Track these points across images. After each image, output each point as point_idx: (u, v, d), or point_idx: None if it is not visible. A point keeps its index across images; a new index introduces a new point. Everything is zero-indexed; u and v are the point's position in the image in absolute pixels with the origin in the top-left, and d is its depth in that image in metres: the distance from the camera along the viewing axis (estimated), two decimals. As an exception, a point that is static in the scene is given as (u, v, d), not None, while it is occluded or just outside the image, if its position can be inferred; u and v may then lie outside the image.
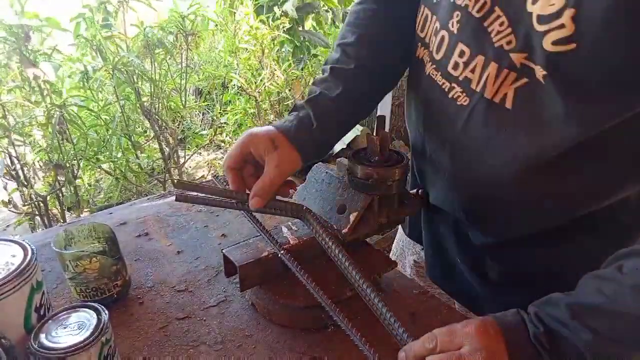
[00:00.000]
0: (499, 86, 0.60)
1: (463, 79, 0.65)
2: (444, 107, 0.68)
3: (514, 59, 0.57)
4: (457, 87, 0.66)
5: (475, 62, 0.62)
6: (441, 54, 0.67)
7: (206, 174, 3.31)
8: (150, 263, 0.88)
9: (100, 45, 2.24)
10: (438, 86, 0.69)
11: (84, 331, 0.56)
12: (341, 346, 0.69)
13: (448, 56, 0.66)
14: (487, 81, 0.61)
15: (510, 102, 0.60)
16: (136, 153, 2.60)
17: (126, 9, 2.34)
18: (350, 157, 0.74)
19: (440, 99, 0.69)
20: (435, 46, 0.69)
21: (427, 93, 0.73)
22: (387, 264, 0.79)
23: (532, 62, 0.56)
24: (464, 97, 0.65)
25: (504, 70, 0.59)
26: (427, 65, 0.72)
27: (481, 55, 0.61)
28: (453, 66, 0.66)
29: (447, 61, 0.66)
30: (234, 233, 0.97)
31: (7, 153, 2.12)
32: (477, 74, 0.62)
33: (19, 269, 0.57)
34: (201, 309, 0.76)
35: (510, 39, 0.57)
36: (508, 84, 0.59)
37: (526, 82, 0.58)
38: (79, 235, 0.78)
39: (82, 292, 0.74)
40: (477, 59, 0.62)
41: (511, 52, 0.58)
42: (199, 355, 0.67)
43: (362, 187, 0.72)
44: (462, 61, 0.64)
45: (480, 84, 0.62)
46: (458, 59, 0.64)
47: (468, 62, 0.63)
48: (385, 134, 0.71)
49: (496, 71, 0.60)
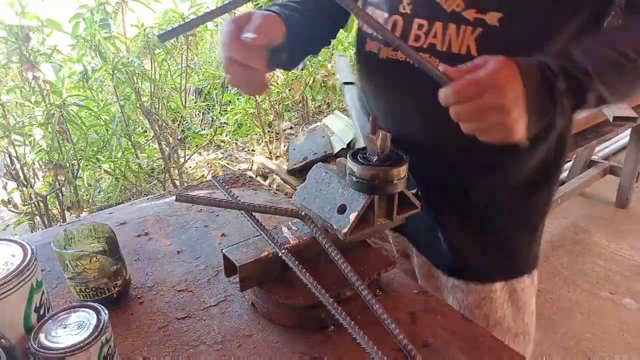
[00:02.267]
0: (462, 40, 0.72)
1: (428, 45, 0.75)
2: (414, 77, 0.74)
3: (467, 16, 0.71)
4: (423, 54, 0.72)
5: (435, 29, 0.74)
6: (398, 35, 0.77)
7: (206, 174, 3.31)
8: (150, 263, 0.88)
9: (99, 46, 2.24)
10: (402, 63, 0.77)
11: (83, 331, 0.56)
12: (341, 346, 0.69)
13: (406, 34, 0.76)
14: (450, 40, 0.73)
15: (475, 51, 0.71)
16: (136, 153, 2.60)
17: (125, 10, 2.34)
18: (350, 157, 0.74)
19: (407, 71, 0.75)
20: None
21: (385, 76, 0.82)
22: (387, 264, 0.79)
23: (482, 14, 0.70)
24: (433, 59, 0.74)
25: (462, 27, 0.71)
26: (381, 53, 0.80)
27: (439, 22, 0.73)
28: (414, 39, 0.76)
29: (406, 38, 0.76)
30: (234, 233, 0.97)
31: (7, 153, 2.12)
32: (440, 37, 0.74)
33: (19, 269, 0.57)
34: (201, 308, 0.76)
35: (459, 2, 0.71)
36: (468, 35, 0.71)
37: (482, 30, 0.70)
38: (79, 235, 0.78)
39: (82, 292, 0.74)
40: (436, 26, 0.73)
41: (463, 11, 0.71)
42: (199, 355, 0.67)
43: (362, 187, 0.72)
44: (423, 32, 0.75)
45: (445, 44, 0.73)
46: (418, 32, 0.75)
47: (429, 31, 0.74)
48: (385, 134, 0.71)
49: (456, 29, 0.72)
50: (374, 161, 0.72)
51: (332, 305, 0.64)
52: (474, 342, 0.70)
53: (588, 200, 3.05)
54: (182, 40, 2.53)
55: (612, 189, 2.99)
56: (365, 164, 0.71)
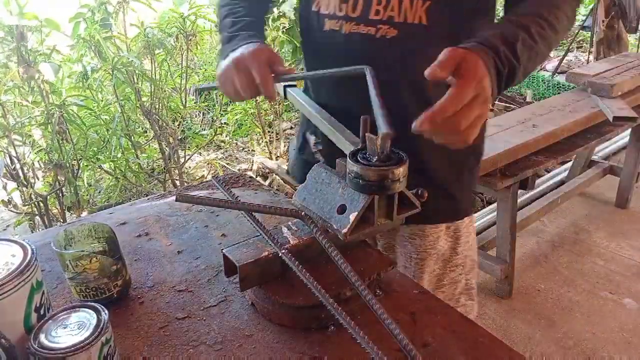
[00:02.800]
0: (415, 11, 0.87)
1: (387, 18, 0.88)
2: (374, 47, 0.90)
3: None
4: (383, 26, 0.89)
5: (392, 3, 0.88)
6: (359, 11, 0.90)
7: (206, 174, 3.31)
8: (150, 263, 0.88)
9: (99, 46, 2.24)
10: (364, 35, 0.90)
11: (83, 331, 0.56)
12: (341, 346, 0.69)
13: (367, 9, 0.89)
14: (406, 12, 0.87)
15: (425, 20, 0.87)
16: (136, 153, 2.60)
17: (126, 9, 2.34)
18: (350, 157, 0.74)
19: (369, 43, 0.90)
20: (350, 9, 0.91)
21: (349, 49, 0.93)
22: (387, 264, 0.79)
23: None
24: (392, 30, 0.88)
25: (414, 0, 0.86)
26: (343, 28, 0.92)
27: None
28: (375, 13, 0.89)
29: (367, 12, 0.89)
30: (234, 233, 0.97)
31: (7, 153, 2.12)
32: (397, 10, 0.88)
33: (19, 269, 0.57)
34: (201, 308, 0.76)
35: None
36: (419, 7, 0.87)
37: (430, 3, 0.86)
38: (79, 235, 0.78)
39: (82, 292, 0.74)
40: (392, 1, 0.87)
41: None
42: (199, 355, 0.67)
43: (362, 187, 0.72)
44: (382, 7, 0.88)
45: (402, 15, 0.88)
46: (377, 7, 0.88)
47: (387, 5, 0.88)
48: (385, 134, 0.71)
49: (409, 3, 0.87)
50: (374, 161, 0.72)
51: (332, 305, 0.64)
52: (474, 342, 0.70)
53: (588, 200, 3.05)
54: (182, 40, 2.53)
55: (612, 189, 2.99)
56: (365, 164, 0.71)
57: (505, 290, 2.22)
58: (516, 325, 2.08)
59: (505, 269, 2.16)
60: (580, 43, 6.10)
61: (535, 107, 2.50)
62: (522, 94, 4.41)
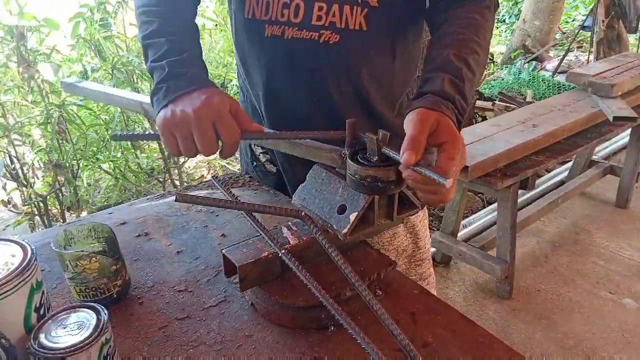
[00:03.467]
0: (355, 18, 0.90)
1: (329, 24, 0.90)
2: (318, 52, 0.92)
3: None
4: (325, 31, 0.90)
5: (333, 9, 0.89)
6: (300, 17, 0.90)
7: (206, 174, 3.31)
8: (150, 263, 0.88)
9: (99, 46, 2.24)
10: (306, 40, 0.91)
11: (83, 331, 0.56)
12: (341, 346, 0.69)
13: (308, 15, 0.90)
14: (347, 18, 0.90)
15: (365, 26, 0.90)
16: (136, 153, 2.60)
17: (126, 9, 2.34)
18: (350, 157, 0.74)
19: (312, 48, 0.91)
20: (292, 14, 0.91)
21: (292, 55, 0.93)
22: (387, 264, 0.79)
23: None
24: (334, 35, 0.91)
25: (354, 7, 0.89)
26: (286, 33, 0.92)
27: (335, 4, 0.89)
28: (317, 19, 0.90)
29: (309, 18, 0.90)
30: (233, 233, 0.97)
31: (6, 153, 2.12)
32: (338, 17, 0.90)
33: (19, 269, 0.57)
34: (201, 309, 0.76)
35: None
36: (358, 14, 0.90)
37: (367, 10, 0.89)
38: (79, 235, 0.78)
39: (82, 292, 0.73)
40: (334, 7, 0.89)
41: None
42: (199, 355, 0.67)
43: (362, 187, 0.72)
44: (323, 13, 0.90)
45: (343, 22, 0.90)
46: (319, 13, 0.90)
47: (328, 12, 0.89)
48: (385, 135, 0.71)
49: (349, 9, 0.89)
50: (374, 161, 0.71)
51: (332, 306, 0.64)
52: (474, 342, 0.70)
53: (588, 200, 3.05)
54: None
55: (612, 189, 2.99)
56: (365, 164, 0.71)
57: (505, 290, 2.22)
58: (516, 325, 2.08)
59: (506, 269, 2.16)
60: (580, 43, 6.11)
61: (536, 107, 2.50)
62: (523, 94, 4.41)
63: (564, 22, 6.79)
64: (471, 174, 1.85)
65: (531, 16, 5.71)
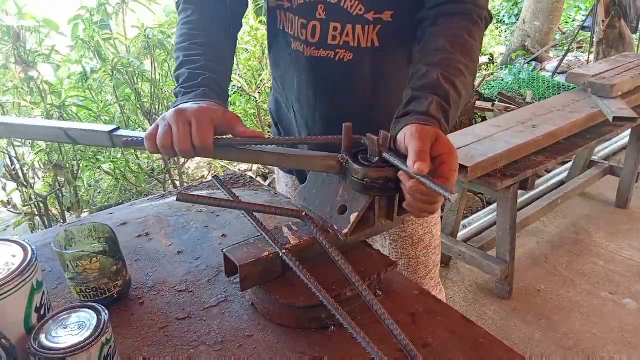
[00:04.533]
0: (367, 36, 0.93)
1: (343, 43, 0.94)
2: (334, 69, 0.96)
3: (367, 17, 0.92)
4: (340, 50, 0.95)
5: (346, 29, 0.93)
6: (317, 37, 0.95)
7: (206, 174, 3.31)
8: (150, 263, 0.88)
9: (98, 47, 2.24)
10: (322, 59, 0.96)
11: (83, 331, 0.56)
12: (341, 346, 0.69)
13: (324, 35, 0.94)
14: (359, 37, 0.93)
15: (378, 42, 0.94)
16: (136, 153, 2.60)
17: (125, 10, 2.34)
18: (350, 157, 0.74)
19: (327, 66, 0.96)
20: (309, 34, 0.95)
21: (312, 70, 0.98)
22: (387, 264, 0.79)
23: (379, 14, 0.92)
24: (348, 53, 0.95)
25: (366, 26, 0.93)
26: (305, 51, 0.97)
27: (348, 24, 0.93)
28: (331, 38, 0.94)
29: (325, 37, 0.94)
30: (234, 233, 0.97)
31: (6, 153, 2.12)
32: (351, 36, 0.94)
33: (19, 269, 0.57)
34: (201, 309, 0.76)
35: (361, 7, 0.91)
36: (371, 32, 0.93)
37: (380, 26, 0.93)
38: (79, 235, 0.78)
39: (82, 292, 0.74)
40: (347, 27, 0.93)
41: (364, 14, 0.92)
42: (199, 355, 0.67)
43: (362, 188, 0.72)
44: (337, 33, 0.94)
45: (356, 40, 0.94)
46: (334, 32, 0.94)
47: (342, 32, 0.93)
48: (386, 135, 0.71)
49: (361, 28, 0.93)
50: (374, 162, 0.72)
51: (333, 305, 0.64)
52: (474, 342, 0.70)
53: (588, 200, 3.05)
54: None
55: (612, 189, 2.99)
56: (365, 165, 0.71)
57: (505, 290, 2.22)
58: (516, 325, 2.08)
59: (505, 269, 2.16)
60: (580, 43, 6.10)
61: (535, 107, 2.50)
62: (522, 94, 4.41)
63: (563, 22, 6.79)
64: (470, 174, 1.85)
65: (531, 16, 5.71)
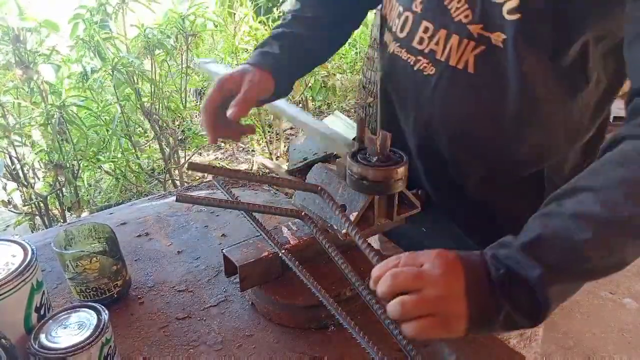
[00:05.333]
0: (461, 54, 0.71)
1: (428, 51, 0.74)
2: (410, 80, 0.78)
3: (472, 30, 0.69)
4: (422, 59, 0.75)
5: (438, 36, 0.72)
6: (405, 32, 0.77)
7: (206, 174, 3.31)
8: (150, 263, 0.88)
9: (98, 47, 2.24)
10: (403, 62, 0.78)
11: (84, 331, 0.56)
12: (341, 346, 0.69)
13: (413, 33, 0.76)
14: (450, 51, 0.72)
15: (472, 67, 0.70)
16: (136, 153, 2.60)
17: (125, 10, 2.34)
18: (350, 157, 0.74)
19: (406, 73, 0.78)
20: (399, 26, 0.78)
21: (391, 71, 0.83)
22: (387, 264, 0.79)
23: (487, 32, 0.67)
24: (430, 67, 0.75)
25: (464, 40, 0.70)
26: (390, 45, 0.81)
27: (443, 29, 0.72)
28: (418, 41, 0.75)
29: (411, 37, 0.76)
30: (234, 233, 0.97)
31: (7, 153, 2.12)
32: (441, 46, 0.72)
33: (19, 269, 0.57)
34: (201, 309, 0.76)
35: (468, 14, 0.69)
36: (469, 51, 0.70)
37: (484, 49, 0.69)
38: (79, 235, 0.78)
39: (82, 292, 0.74)
40: (440, 33, 0.72)
41: (469, 25, 0.69)
42: (199, 355, 0.68)
43: (362, 187, 0.72)
44: (427, 36, 0.74)
45: (445, 53, 0.72)
46: (423, 35, 0.74)
47: (432, 36, 0.73)
48: (385, 134, 0.71)
49: (458, 41, 0.70)
50: (374, 161, 0.72)
51: (332, 305, 0.64)
52: (474, 342, 0.70)
53: (588, 200, 3.05)
54: (182, 40, 2.53)
55: (612, 189, 2.98)
56: (365, 164, 0.71)
57: (505, 291, 2.22)
58: (516, 325, 2.08)
59: (506, 269, 2.15)
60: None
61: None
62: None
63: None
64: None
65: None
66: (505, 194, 0.80)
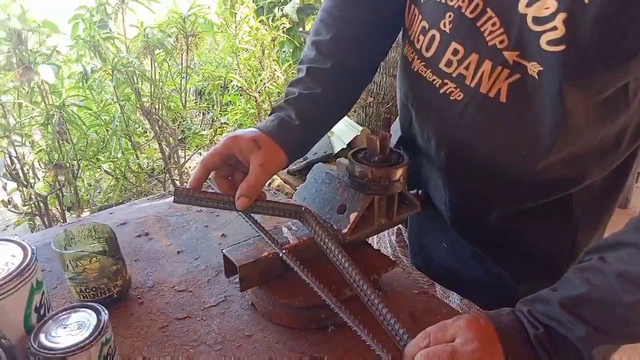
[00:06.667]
0: (494, 82, 0.64)
1: (457, 75, 0.68)
2: (435, 103, 0.72)
3: (507, 57, 0.62)
4: (450, 83, 0.69)
5: (469, 60, 0.66)
6: (432, 52, 0.70)
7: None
8: (150, 263, 0.88)
9: (98, 47, 2.24)
10: (428, 82, 0.72)
11: (83, 331, 0.56)
12: (341, 346, 0.69)
13: (440, 54, 0.69)
14: (482, 77, 0.65)
15: (505, 97, 0.64)
16: (136, 153, 2.60)
17: (125, 10, 2.34)
18: (350, 157, 0.74)
19: (431, 94, 0.72)
20: (425, 45, 0.71)
21: (415, 89, 0.77)
22: (387, 264, 0.79)
23: (524, 60, 0.60)
24: (458, 92, 0.68)
25: (498, 67, 0.63)
26: (414, 62, 0.75)
27: (475, 54, 0.65)
28: (446, 63, 0.69)
29: (438, 59, 0.69)
30: (234, 233, 0.97)
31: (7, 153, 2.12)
32: (472, 71, 0.66)
33: (19, 269, 0.57)
34: (201, 309, 0.76)
35: (503, 39, 0.61)
36: (502, 79, 0.63)
37: (519, 77, 0.62)
38: (79, 235, 0.78)
39: (82, 292, 0.74)
40: (471, 57, 0.65)
41: (504, 51, 0.62)
42: (199, 355, 0.67)
43: (362, 187, 0.72)
44: (456, 59, 0.67)
45: (475, 79, 0.66)
46: (451, 57, 0.68)
47: (462, 60, 0.66)
48: (385, 134, 0.71)
49: (490, 68, 0.64)
50: (374, 161, 0.72)
51: (336, 304, 0.64)
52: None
53: (588, 200, 3.05)
54: (182, 41, 2.53)
55: (612, 189, 2.98)
56: (365, 164, 0.71)
57: (505, 291, 2.22)
58: (516, 326, 2.07)
59: (506, 269, 2.15)
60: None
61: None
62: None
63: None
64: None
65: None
66: (530, 218, 0.76)
